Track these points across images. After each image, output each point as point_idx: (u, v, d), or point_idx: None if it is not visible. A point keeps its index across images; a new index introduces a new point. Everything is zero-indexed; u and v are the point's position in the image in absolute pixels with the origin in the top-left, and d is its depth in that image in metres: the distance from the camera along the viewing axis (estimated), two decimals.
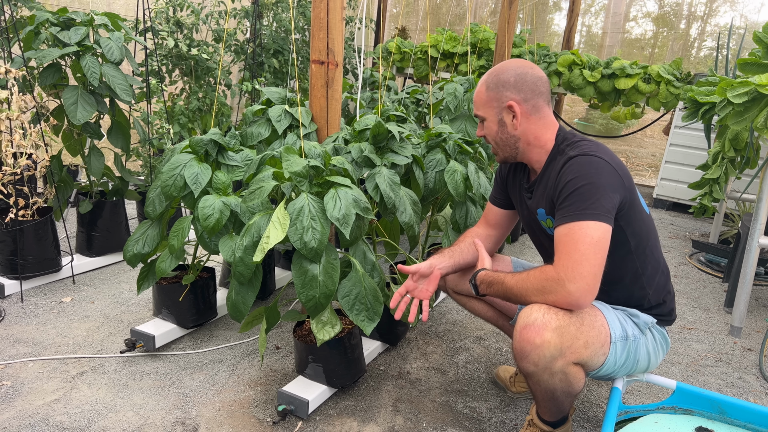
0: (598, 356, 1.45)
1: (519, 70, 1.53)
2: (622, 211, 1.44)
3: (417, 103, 3.42)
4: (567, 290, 1.33)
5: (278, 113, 2.23)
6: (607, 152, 1.46)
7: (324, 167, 1.74)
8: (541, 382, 1.45)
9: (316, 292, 1.60)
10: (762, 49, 2.57)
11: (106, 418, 1.73)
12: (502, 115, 1.56)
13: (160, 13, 3.66)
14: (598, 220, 1.35)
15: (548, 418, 1.63)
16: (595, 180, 1.38)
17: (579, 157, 1.43)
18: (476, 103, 1.62)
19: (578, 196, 1.38)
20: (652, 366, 1.63)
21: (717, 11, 7.91)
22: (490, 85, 1.56)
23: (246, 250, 1.65)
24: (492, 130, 1.60)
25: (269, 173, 1.73)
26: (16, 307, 2.41)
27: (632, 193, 1.46)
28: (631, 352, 1.52)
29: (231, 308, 1.77)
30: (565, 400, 1.52)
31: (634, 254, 1.52)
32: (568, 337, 1.37)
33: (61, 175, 2.72)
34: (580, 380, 1.46)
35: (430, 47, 6.32)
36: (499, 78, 1.54)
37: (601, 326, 1.45)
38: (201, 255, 2.47)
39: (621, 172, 1.43)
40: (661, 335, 1.63)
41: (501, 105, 1.55)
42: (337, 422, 1.79)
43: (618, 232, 1.45)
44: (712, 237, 4.17)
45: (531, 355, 1.38)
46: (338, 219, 1.58)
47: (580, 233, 1.35)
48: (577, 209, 1.37)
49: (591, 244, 1.33)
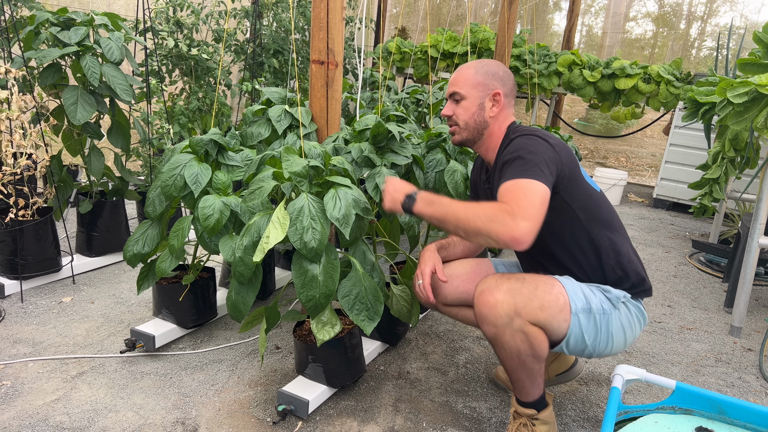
0: (558, 321, 1.51)
1: (504, 70, 1.74)
2: (562, 183, 1.56)
3: (417, 103, 3.42)
4: (516, 223, 1.37)
5: (278, 113, 2.23)
6: (547, 134, 1.60)
7: (324, 167, 1.74)
8: (505, 345, 1.51)
9: (316, 292, 1.60)
10: (762, 49, 2.58)
11: (106, 418, 1.73)
12: (484, 100, 1.71)
13: (160, 13, 3.67)
14: (539, 180, 1.45)
15: (526, 398, 1.63)
16: (533, 150, 1.52)
17: (519, 137, 1.60)
18: (459, 82, 1.73)
19: (519, 160, 1.50)
20: (629, 341, 1.66)
21: (717, 11, 7.91)
22: (479, 70, 1.71)
23: (246, 250, 1.65)
24: (470, 110, 1.72)
25: (269, 173, 1.73)
26: (16, 307, 2.41)
27: (572, 169, 1.59)
28: (601, 325, 1.57)
29: (231, 308, 1.77)
30: (533, 365, 1.54)
31: (587, 227, 1.62)
32: (521, 297, 1.48)
33: (61, 175, 2.72)
34: (542, 342, 1.51)
35: (430, 47, 6.32)
36: (489, 68, 1.71)
37: (558, 293, 1.53)
38: (201, 255, 2.47)
39: (558, 149, 1.55)
40: (637, 309, 1.67)
41: (488, 90, 1.70)
42: (337, 422, 1.79)
43: (564, 206, 1.59)
44: (712, 237, 4.17)
45: (489, 316, 1.49)
46: (338, 219, 1.58)
47: (527, 185, 1.44)
48: (520, 170, 1.48)
49: (536, 193, 1.42)
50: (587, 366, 2.26)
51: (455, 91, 1.73)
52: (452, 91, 1.74)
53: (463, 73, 1.72)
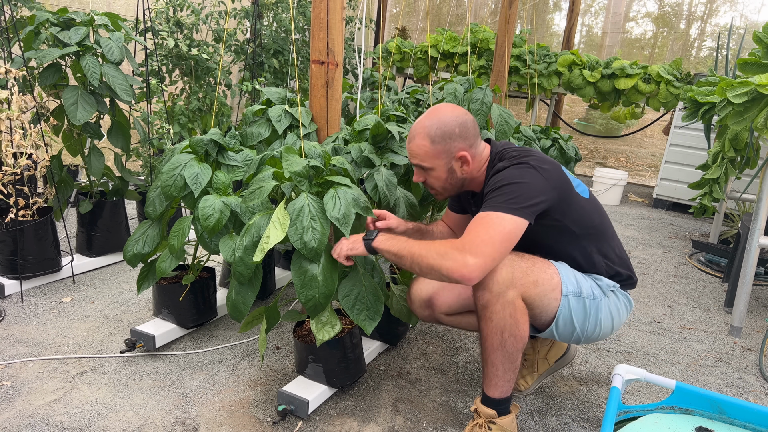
0: (549, 299, 1.57)
1: (458, 119, 1.62)
2: (553, 207, 1.56)
3: (417, 103, 3.42)
4: (465, 260, 1.43)
5: (278, 113, 2.23)
6: (537, 159, 1.58)
7: (324, 167, 1.74)
8: (493, 316, 1.54)
9: (315, 292, 1.60)
10: (762, 49, 2.58)
11: (106, 418, 1.73)
12: (452, 164, 1.66)
13: (160, 13, 3.67)
14: (515, 215, 1.47)
15: (493, 392, 1.63)
16: (519, 181, 1.51)
17: (508, 168, 1.57)
18: (418, 155, 1.66)
19: (500, 193, 1.51)
20: (616, 327, 1.72)
21: (717, 11, 7.91)
22: (435, 138, 1.62)
23: (246, 250, 1.65)
24: (441, 177, 1.69)
25: (269, 173, 1.73)
26: (16, 307, 2.41)
27: (562, 192, 1.58)
28: (590, 310, 1.62)
29: (231, 308, 1.77)
30: (512, 349, 1.56)
31: (580, 237, 1.65)
32: (518, 270, 1.53)
33: (61, 175, 2.72)
34: (525, 322, 1.55)
35: (430, 47, 6.32)
36: (444, 130, 1.61)
37: (553, 273, 1.59)
38: (201, 255, 2.47)
39: (547, 175, 1.54)
40: (625, 297, 1.75)
41: (451, 155, 1.64)
42: (337, 422, 1.79)
43: (556, 224, 1.60)
44: (712, 237, 4.17)
45: (486, 281, 1.52)
46: (338, 219, 1.58)
47: (496, 221, 1.47)
48: (498, 202, 1.50)
49: (502, 232, 1.45)
50: (587, 366, 2.26)
51: (418, 164, 1.68)
52: (415, 162, 1.69)
53: (419, 144, 1.64)
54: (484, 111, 2.54)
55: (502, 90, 3.71)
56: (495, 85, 3.61)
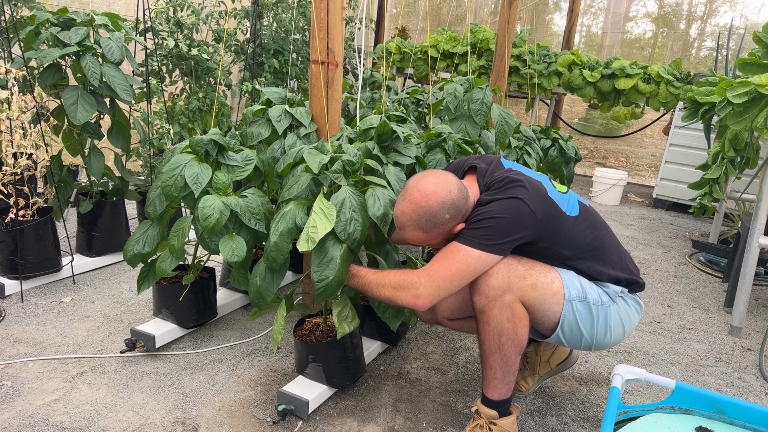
0: (550, 304, 1.55)
1: (445, 203, 1.53)
2: (540, 238, 1.54)
3: (417, 103, 3.42)
4: (417, 291, 1.50)
5: (278, 113, 2.23)
6: (524, 191, 1.52)
7: (359, 165, 1.82)
8: (490, 320, 1.54)
9: (330, 273, 1.59)
10: (762, 49, 2.58)
11: (107, 417, 1.73)
12: (449, 234, 1.61)
13: (160, 13, 3.67)
14: (484, 251, 1.49)
15: (493, 394, 1.63)
16: (498, 215, 1.49)
17: (489, 204, 1.54)
18: (414, 240, 1.62)
19: (478, 225, 1.51)
20: (628, 332, 1.70)
21: (717, 11, 7.91)
22: (428, 228, 1.56)
23: (281, 235, 1.66)
24: (440, 245, 1.64)
25: (302, 168, 1.84)
26: (17, 307, 2.41)
27: (549, 222, 1.53)
28: (599, 316, 1.60)
29: (254, 294, 1.74)
30: (510, 353, 1.56)
31: (573, 258, 1.62)
32: (515, 273, 1.53)
33: (61, 175, 2.72)
34: (525, 326, 1.55)
35: (430, 47, 6.32)
36: (435, 221, 1.54)
37: (554, 277, 1.56)
38: (201, 255, 2.47)
39: (534, 205, 1.50)
40: (634, 300, 1.72)
41: (447, 231, 1.59)
42: (337, 422, 1.79)
43: (545, 251, 1.58)
44: (712, 237, 4.17)
45: (482, 286, 1.53)
46: (378, 217, 1.66)
47: (461, 255, 1.49)
48: (472, 236, 1.51)
49: (463, 268, 1.49)
50: (587, 366, 2.26)
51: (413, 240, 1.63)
52: (409, 240, 1.64)
53: (412, 236, 1.60)
54: (484, 111, 2.54)
55: (502, 90, 3.71)
56: (495, 85, 3.60)
